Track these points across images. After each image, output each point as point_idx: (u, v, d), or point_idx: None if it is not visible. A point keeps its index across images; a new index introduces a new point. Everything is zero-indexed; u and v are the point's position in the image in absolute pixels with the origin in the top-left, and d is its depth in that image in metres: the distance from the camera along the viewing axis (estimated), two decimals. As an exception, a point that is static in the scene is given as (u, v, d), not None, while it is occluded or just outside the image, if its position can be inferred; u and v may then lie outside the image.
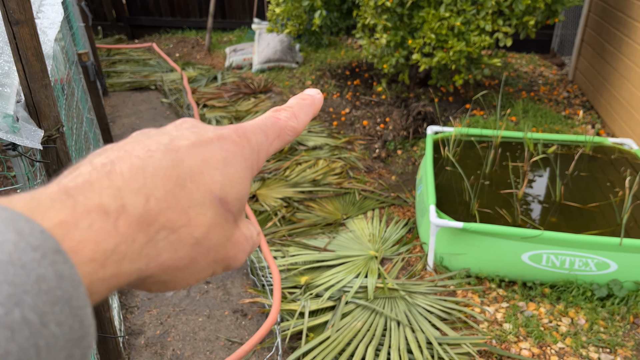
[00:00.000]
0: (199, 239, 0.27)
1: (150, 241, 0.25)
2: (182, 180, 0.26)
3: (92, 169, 0.25)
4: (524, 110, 4.21)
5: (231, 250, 0.29)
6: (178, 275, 0.27)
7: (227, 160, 0.28)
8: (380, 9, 3.80)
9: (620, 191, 2.81)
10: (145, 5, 6.87)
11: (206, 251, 0.27)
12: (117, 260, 0.23)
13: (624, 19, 3.85)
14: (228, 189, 0.28)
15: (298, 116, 0.34)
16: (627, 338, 2.26)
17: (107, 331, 1.63)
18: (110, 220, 0.23)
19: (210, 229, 0.27)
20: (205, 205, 0.27)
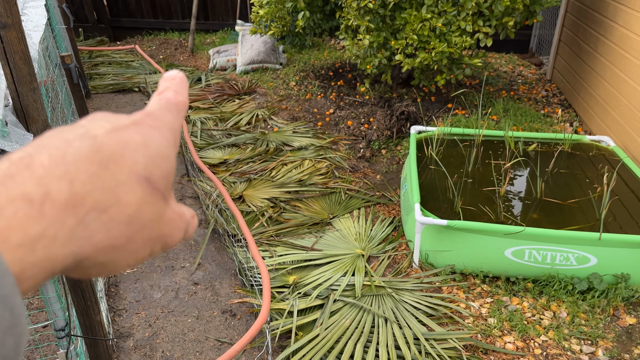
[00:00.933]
0: (131, 217, 0.27)
1: (81, 223, 0.25)
2: (105, 163, 0.26)
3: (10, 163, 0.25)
4: (505, 109, 4.29)
5: (166, 228, 0.30)
6: (116, 255, 0.27)
7: (146, 141, 0.29)
8: (363, 10, 3.84)
9: (598, 187, 2.89)
10: (126, 6, 6.82)
11: (140, 229, 0.28)
12: (47, 244, 0.23)
13: (600, 19, 3.96)
14: (152, 168, 0.28)
15: (180, 92, 0.35)
16: (607, 330, 2.33)
17: (97, 334, 1.63)
18: (35, 207, 0.23)
19: (140, 207, 0.27)
20: (132, 185, 0.27)
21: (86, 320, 1.50)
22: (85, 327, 1.54)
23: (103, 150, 0.27)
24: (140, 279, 2.70)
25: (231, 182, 3.47)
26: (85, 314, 1.48)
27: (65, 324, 1.35)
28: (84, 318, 1.49)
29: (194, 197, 3.44)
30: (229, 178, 3.52)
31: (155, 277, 2.70)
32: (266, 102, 4.78)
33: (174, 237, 0.31)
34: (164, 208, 0.29)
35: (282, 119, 4.44)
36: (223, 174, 3.57)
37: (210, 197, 3.31)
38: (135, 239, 0.28)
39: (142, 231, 0.28)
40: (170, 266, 2.79)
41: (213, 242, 2.98)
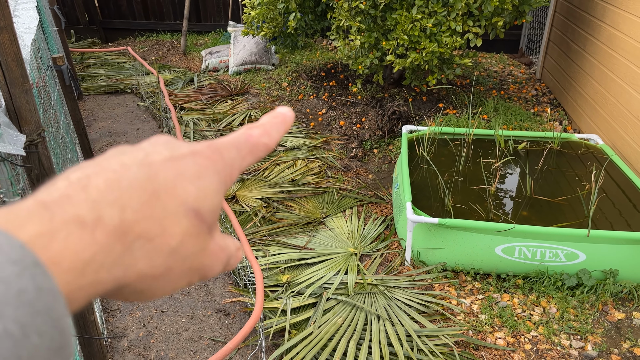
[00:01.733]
0: (175, 248, 0.27)
1: (127, 250, 0.25)
2: (157, 192, 0.27)
3: (68, 183, 0.25)
4: (495, 108, 4.33)
5: (207, 260, 0.30)
6: (154, 284, 0.28)
7: (200, 174, 0.29)
8: (354, 11, 3.87)
9: (587, 185, 2.93)
10: (118, 8, 6.81)
11: (182, 260, 0.28)
12: (96, 269, 0.24)
13: (588, 18, 4.01)
14: (202, 201, 0.28)
15: (270, 133, 0.34)
16: (596, 325, 2.37)
17: (91, 333, 1.64)
18: (87, 231, 0.24)
19: (184, 239, 0.28)
20: (180, 216, 0.27)
21: (80, 320, 1.51)
22: (80, 327, 1.55)
23: (158, 180, 0.27)
24: (133, 279, 2.70)
25: (224, 183, 3.48)
26: (79, 313, 1.49)
27: (59, 323, 1.36)
28: (77, 317, 1.50)
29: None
30: (222, 178, 3.53)
31: (149, 278, 2.71)
32: (259, 103, 4.80)
33: (213, 269, 0.31)
34: (207, 241, 0.29)
35: (275, 120, 4.45)
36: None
37: (203, 198, 3.32)
38: (174, 269, 0.28)
39: (183, 263, 0.28)
40: (163, 267, 2.80)
41: (206, 243, 2.99)
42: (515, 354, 2.22)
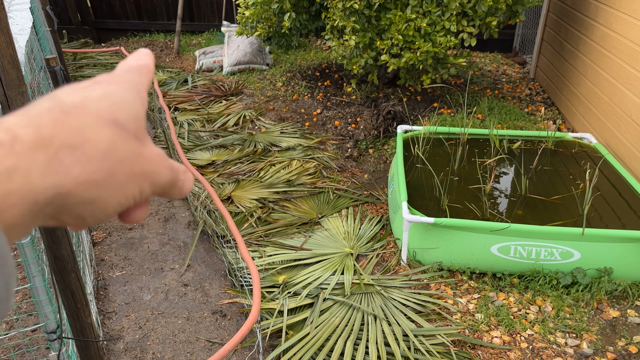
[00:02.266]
0: (106, 153, 0.29)
1: (54, 159, 0.27)
2: (66, 111, 0.29)
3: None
4: (489, 107, 4.35)
5: (147, 165, 0.32)
6: (101, 191, 0.29)
7: (106, 93, 0.32)
8: (349, 11, 3.87)
9: (581, 183, 2.95)
10: (111, 8, 6.77)
11: (118, 164, 0.30)
12: (24, 174, 0.26)
13: (581, 18, 4.03)
14: (117, 112, 0.31)
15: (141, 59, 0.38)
16: (591, 323, 2.39)
17: (88, 336, 1.64)
18: (5, 147, 0.26)
19: (112, 144, 0.30)
20: (99, 126, 0.29)
21: (77, 323, 1.50)
22: (76, 330, 1.55)
23: (65, 103, 0.29)
24: (129, 281, 2.69)
25: (219, 183, 3.48)
26: (76, 316, 1.48)
27: (56, 326, 1.36)
28: (74, 320, 1.49)
29: (182, 198, 3.44)
30: (217, 179, 3.53)
31: (145, 279, 2.70)
32: (253, 103, 4.79)
33: (160, 175, 0.33)
34: (138, 147, 0.32)
35: (270, 120, 4.46)
36: (211, 175, 3.57)
37: (198, 199, 3.31)
38: (115, 173, 0.30)
39: (121, 166, 0.30)
40: (159, 268, 2.79)
41: (202, 244, 2.98)
42: (511, 353, 2.23)
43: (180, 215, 3.25)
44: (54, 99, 0.30)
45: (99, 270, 2.78)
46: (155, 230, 3.10)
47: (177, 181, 0.35)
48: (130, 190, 0.31)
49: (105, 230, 3.10)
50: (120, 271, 2.77)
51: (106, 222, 3.18)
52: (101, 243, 2.99)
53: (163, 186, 0.34)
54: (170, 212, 3.28)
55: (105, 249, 2.95)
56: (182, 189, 0.36)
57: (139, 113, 0.33)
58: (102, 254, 2.91)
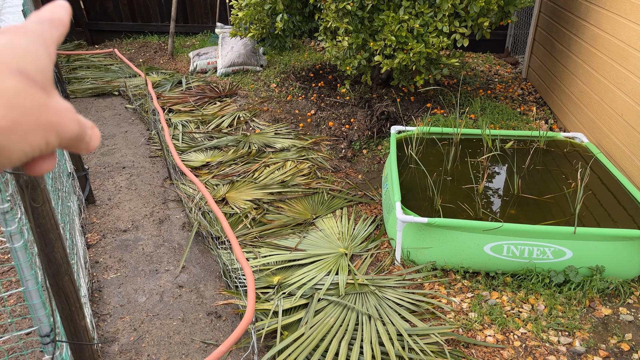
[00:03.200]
0: (11, 101, 0.29)
1: None
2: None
3: None
4: (482, 107, 4.37)
5: (54, 117, 0.32)
6: (7, 138, 0.29)
7: (11, 43, 0.32)
8: (342, 12, 3.88)
9: (573, 183, 2.98)
10: (104, 10, 6.75)
11: (25, 113, 0.30)
12: None
13: (572, 18, 4.06)
14: (23, 63, 0.31)
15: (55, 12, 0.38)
16: (584, 321, 2.41)
17: (82, 339, 1.64)
18: None
19: (18, 93, 0.30)
20: (4, 75, 0.30)
21: (71, 326, 1.50)
22: (70, 333, 1.55)
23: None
24: (124, 283, 2.69)
25: (214, 185, 3.48)
26: (70, 319, 1.49)
27: (50, 329, 1.36)
28: (68, 324, 1.49)
29: (177, 200, 3.44)
30: (212, 180, 3.53)
31: (140, 281, 2.70)
32: (247, 104, 4.79)
33: (67, 128, 0.33)
34: (45, 98, 0.32)
35: (264, 121, 4.46)
36: (205, 177, 3.58)
37: (193, 200, 3.31)
38: (21, 122, 0.30)
39: (27, 116, 0.30)
40: (154, 270, 2.79)
41: (197, 245, 2.98)
42: (504, 351, 2.25)
43: (174, 217, 3.25)
44: None
45: (93, 272, 2.78)
46: (149, 232, 3.10)
47: (84, 136, 0.36)
48: (35, 140, 0.31)
49: (99, 233, 3.10)
50: (115, 273, 2.77)
51: (100, 225, 3.18)
52: (95, 245, 2.99)
53: (70, 139, 0.34)
54: (165, 214, 3.28)
55: (99, 251, 2.94)
56: (89, 144, 0.37)
57: (45, 65, 0.33)
58: (97, 256, 2.90)
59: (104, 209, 3.35)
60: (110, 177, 3.74)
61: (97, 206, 3.38)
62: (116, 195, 3.51)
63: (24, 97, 0.30)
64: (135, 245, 2.99)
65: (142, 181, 3.67)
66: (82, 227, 3.11)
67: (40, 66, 0.32)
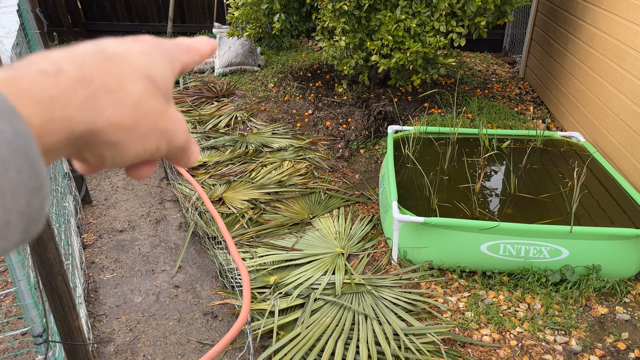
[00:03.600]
0: (136, 102, 0.31)
1: (91, 96, 0.29)
2: (109, 57, 0.31)
3: (30, 57, 0.30)
4: (479, 107, 4.37)
5: (169, 124, 0.34)
6: (126, 137, 0.31)
7: (145, 51, 0.34)
8: (338, 12, 3.88)
9: (569, 182, 2.98)
10: (101, 10, 6.75)
11: (145, 115, 0.32)
12: (64, 105, 0.28)
13: (569, 17, 4.06)
14: (153, 70, 0.33)
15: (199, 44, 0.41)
16: (580, 320, 2.41)
17: (76, 339, 1.63)
18: (50, 77, 0.28)
19: (143, 97, 0.32)
20: (135, 78, 0.32)
21: (64, 326, 1.50)
22: (64, 333, 1.54)
23: (108, 51, 0.32)
24: (120, 283, 2.69)
25: (211, 185, 3.48)
26: (64, 320, 1.48)
27: (42, 330, 1.35)
28: (62, 324, 1.49)
29: (174, 200, 3.43)
30: (209, 180, 3.53)
31: (136, 282, 2.70)
32: (245, 104, 4.79)
33: (178, 137, 0.35)
34: (165, 106, 0.34)
35: (261, 121, 4.46)
36: (202, 177, 3.57)
37: (189, 200, 3.31)
38: (141, 123, 0.32)
39: (147, 118, 0.32)
40: (150, 270, 2.78)
41: (193, 245, 2.98)
42: (501, 350, 2.24)
43: (171, 217, 3.25)
44: (98, 45, 0.32)
45: (89, 273, 2.77)
46: (146, 232, 3.10)
47: (187, 149, 0.37)
48: (149, 143, 0.33)
49: (96, 233, 3.09)
50: (111, 273, 2.76)
51: (97, 225, 3.17)
52: (92, 245, 2.98)
53: (177, 148, 0.36)
54: (161, 214, 3.27)
55: (95, 251, 2.94)
56: (190, 158, 0.39)
57: (169, 78, 0.35)
58: (93, 256, 2.90)
59: (100, 209, 3.35)
60: (107, 177, 3.73)
61: (94, 206, 3.37)
62: (113, 195, 3.50)
63: (149, 100, 0.32)
64: (131, 246, 2.98)
65: (139, 181, 3.67)
66: (78, 228, 3.10)
67: (165, 76, 0.34)
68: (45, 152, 0.28)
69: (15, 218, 0.25)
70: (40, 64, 0.29)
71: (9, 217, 0.25)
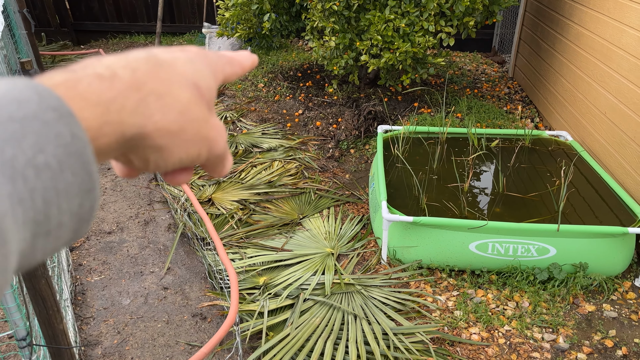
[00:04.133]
0: (183, 109, 0.32)
1: (143, 101, 0.30)
2: (159, 64, 0.33)
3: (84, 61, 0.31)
4: (468, 106, 4.39)
5: (212, 132, 0.35)
6: (172, 141, 0.32)
7: (191, 60, 0.35)
8: (328, 12, 3.88)
9: (557, 180, 2.99)
10: (90, 10, 6.70)
11: (190, 121, 0.33)
12: (118, 108, 0.29)
13: (557, 17, 4.09)
14: (199, 79, 0.34)
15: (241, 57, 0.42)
16: (567, 318, 2.42)
17: (60, 343, 1.62)
18: (106, 81, 0.29)
19: (190, 104, 0.33)
20: (183, 84, 0.33)
21: (49, 330, 1.48)
22: (49, 336, 1.53)
23: (158, 58, 0.33)
24: (108, 285, 2.67)
25: (200, 185, 3.46)
26: (48, 323, 1.47)
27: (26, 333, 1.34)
28: (46, 327, 1.47)
29: (162, 201, 3.41)
30: (198, 181, 3.51)
31: (124, 284, 2.68)
32: (235, 104, 4.78)
33: (218, 145, 0.36)
34: (208, 113, 0.35)
35: (251, 121, 4.45)
36: (192, 178, 3.55)
37: (178, 201, 3.29)
38: (186, 129, 0.33)
39: (192, 124, 0.33)
40: (139, 272, 2.77)
41: (182, 246, 2.97)
42: (489, 349, 2.25)
43: (160, 218, 3.23)
44: (149, 52, 0.34)
45: (76, 275, 2.75)
46: (134, 234, 3.08)
47: (224, 159, 0.38)
48: (192, 149, 0.34)
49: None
50: (99, 276, 2.74)
51: (85, 227, 3.14)
52: (79, 247, 2.96)
53: (216, 156, 0.37)
54: (150, 216, 3.25)
55: (83, 253, 2.91)
56: (225, 167, 0.39)
57: (212, 87, 0.36)
58: (80, 258, 2.87)
59: (88, 210, 3.32)
60: (96, 179, 3.70)
61: (82, 208, 3.34)
62: (101, 196, 3.48)
63: (194, 108, 0.33)
64: (119, 247, 2.96)
65: (127, 182, 3.64)
66: (66, 230, 3.07)
67: (209, 86, 0.36)
68: (97, 154, 0.29)
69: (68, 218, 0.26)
70: (96, 68, 0.30)
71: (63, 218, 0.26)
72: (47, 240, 0.25)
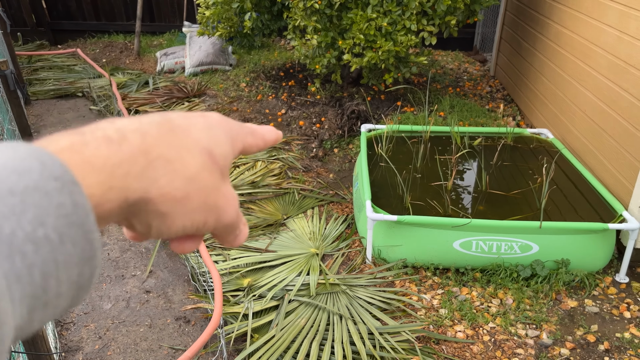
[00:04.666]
0: (192, 176, 0.31)
1: (150, 165, 0.30)
2: (173, 129, 0.32)
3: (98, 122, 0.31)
4: (451, 105, 4.41)
5: (221, 201, 0.34)
6: (175, 208, 0.31)
7: (210, 126, 0.35)
8: (310, 10, 3.86)
9: (539, 178, 3.02)
10: (67, 9, 6.57)
11: (199, 190, 0.32)
12: (124, 174, 0.28)
13: (537, 17, 4.14)
14: (213, 145, 0.33)
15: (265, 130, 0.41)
16: (550, 314, 2.45)
17: (40, 349, 1.57)
18: (114, 144, 0.29)
19: (200, 171, 0.32)
20: (195, 151, 0.32)
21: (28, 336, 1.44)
22: (27, 343, 1.48)
23: (173, 123, 0.33)
24: (88, 290, 2.61)
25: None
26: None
27: (3, 341, 1.29)
28: (24, 334, 1.43)
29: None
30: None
31: (105, 288, 2.63)
32: (216, 104, 4.73)
33: (227, 213, 0.35)
34: (220, 182, 0.34)
35: (234, 121, 4.40)
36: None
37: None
38: (193, 197, 0.32)
39: (200, 192, 0.32)
40: (120, 275, 2.71)
41: (164, 249, 2.92)
42: (474, 346, 2.26)
43: (141, 221, 3.17)
44: (165, 116, 0.33)
45: (56, 279, 2.68)
46: (115, 237, 3.02)
47: (236, 228, 0.37)
48: (197, 217, 0.32)
49: (62, 238, 3.00)
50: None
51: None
52: (58, 251, 2.89)
53: (225, 226, 0.35)
54: (131, 218, 3.20)
55: (62, 257, 2.85)
56: (237, 238, 0.38)
57: (228, 155, 0.35)
58: (60, 262, 2.81)
59: (67, 213, 3.25)
60: (75, 181, 3.63)
61: (61, 211, 3.27)
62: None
63: (204, 175, 0.32)
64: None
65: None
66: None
67: (225, 153, 0.35)
68: (99, 220, 0.28)
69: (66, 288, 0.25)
70: (106, 131, 0.29)
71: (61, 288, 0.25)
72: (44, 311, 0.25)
